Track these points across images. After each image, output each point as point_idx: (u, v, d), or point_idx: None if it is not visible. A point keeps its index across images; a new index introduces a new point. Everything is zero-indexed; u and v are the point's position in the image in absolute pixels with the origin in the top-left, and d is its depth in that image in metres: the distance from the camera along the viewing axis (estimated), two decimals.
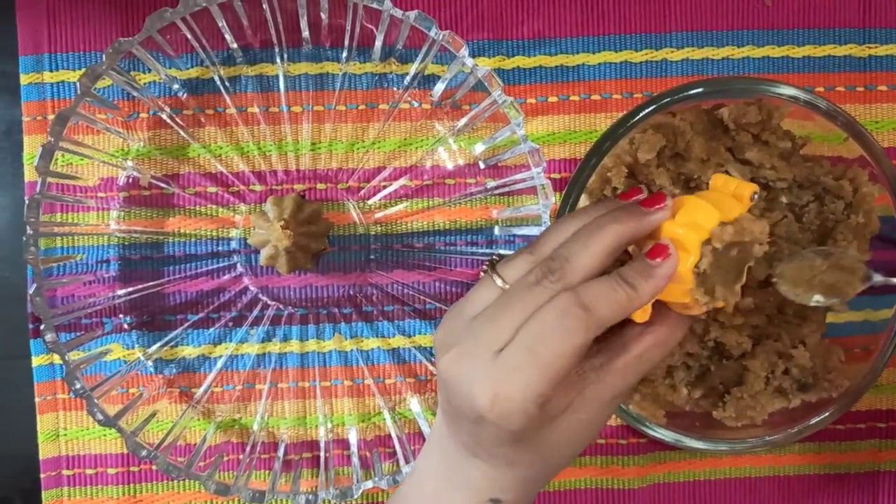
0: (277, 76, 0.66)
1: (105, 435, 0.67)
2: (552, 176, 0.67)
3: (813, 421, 0.60)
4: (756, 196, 0.48)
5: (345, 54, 0.66)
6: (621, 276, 0.45)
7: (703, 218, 0.46)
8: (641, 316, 0.46)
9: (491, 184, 0.67)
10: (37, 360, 0.67)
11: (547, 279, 0.44)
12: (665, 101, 0.57)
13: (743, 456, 0.69)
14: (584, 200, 0.59)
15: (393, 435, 0.66)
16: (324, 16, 0.63)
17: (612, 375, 0.45)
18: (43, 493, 0.67)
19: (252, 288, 0.67)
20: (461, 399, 0.44)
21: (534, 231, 0.63)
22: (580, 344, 0.43)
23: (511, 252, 0.52)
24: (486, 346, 0.44)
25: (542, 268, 0.44)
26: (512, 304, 0.44)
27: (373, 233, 0.67)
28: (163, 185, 0.67)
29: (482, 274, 0.48)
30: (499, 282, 0.46)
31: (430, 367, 0.68)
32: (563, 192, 0.59)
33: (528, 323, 0.43)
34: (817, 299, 0.54)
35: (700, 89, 0.57)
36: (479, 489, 0.46)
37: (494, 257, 0.47)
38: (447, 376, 0.44)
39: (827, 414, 0.60)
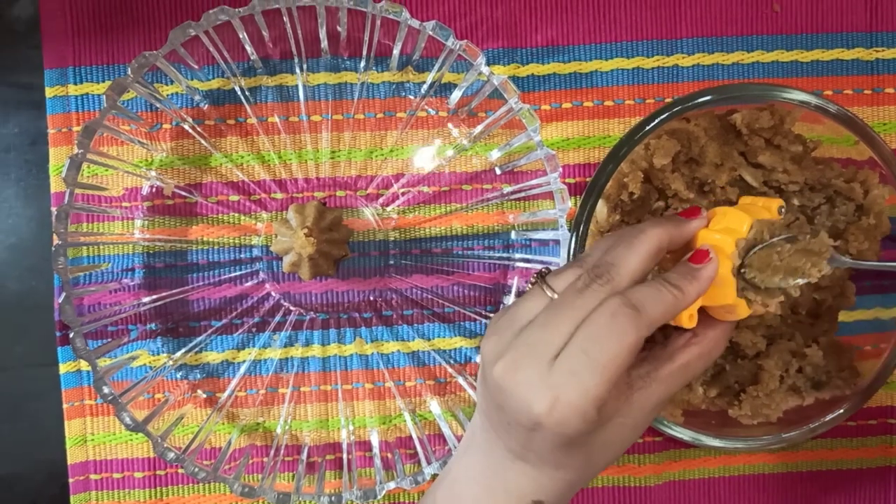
0: (297, 86, 0.68)
1: (132, 439, 0.68)
2: (567, 181, 0.68)
3: (827, 418, 0.61)
4: (784, 210, 0.51)
5: (363, 64, 0.67)
6: (666, 280, 0.46)
7: (735, 223, 0.49)
8: (689, 321, 0.48)
9: (507, 189, 0.68)
10: (64, 368, 0.68)
11: (595, 283, 0.45)
12: (680, 107, 0.58)
13: (757, 453, 0.70)
14: (601, 206, 0.60)
15: (414, 436, 0.67)
16: (342, 29, 0.64)
17: (658, 383, 0.46)
18: (71, 497, 0.68)
19: (274, 294, 0.69)
20: (517, 406, 0.44)
21: (550, 235, 0.64)
22: (633, 343, 0.44)
23: (535, 255, 0.53)
24: (541, 352, 0.44)
25: (590, 274, 0.46)
26: (563, 310, 0.45)
27: (392, 238, 0.69)
28: (186, 194, 0.68)
29: (529, 285, 0.49)
30: (548, 292, 0.47)
31: (450, 370, 0.69)
32: (581, 198, 0.60)
33: (581, 327, 0.44)
34: (781, 281, 0.55)
35: (714, 96, 0.59)
36: (523, 493, 0.47)
37: (543, 270, 0.48)
38: (503, 384, 0.45)
39: (841, 411, 0.61)
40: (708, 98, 0.58)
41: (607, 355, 0.43)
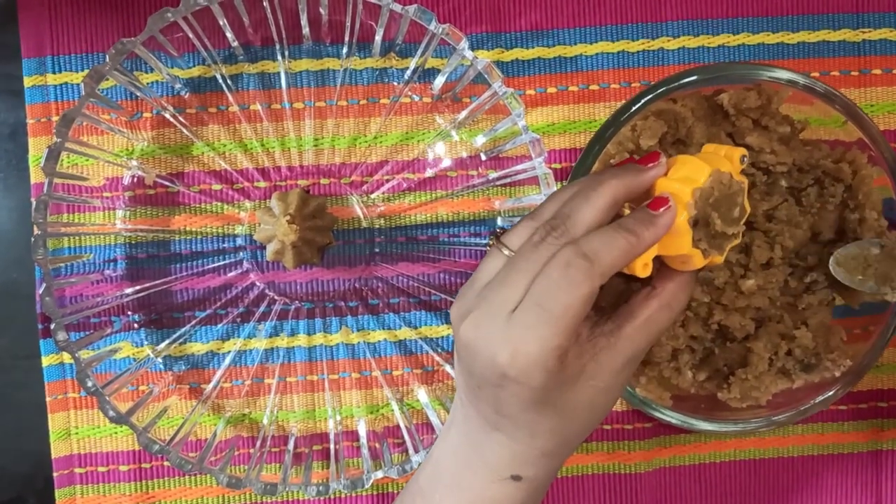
0: (279, 73, 0.67)
1: (116, 432, 0.68)
2: (553, 166, 0.68)
3: (816, 400, 0.61)
4: (746, 159, 0.51)
5: (345, 50, 0.67)
6: (622, 225, 0.46)
7: (694, 172, 0.48)
8: (643, 270, 0.47)
9: (493, 175, 0.67)
10: (47, 360, 0.67)
11: (550, 236, 0.45)
12: (666, 87, 0.58)
13: (747, 438, 0.70)
14: None
15: (402, 425, 0.67)
16: (323, 12, 0.64)
17: (622, 340, 0.46)
18: (56, 491, 0.68)
19: (259, 283, 0.68)
20: (482, 361, 0.45)
21: None
22: (586, 293, 0.44)
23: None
24: (499, 307, 0.45)
25: (545, 227, 0.46)
26: (518, 265, 0.45)
27: (377, 226, 0.68)
28: (168, 183, 0.67)
29: (488, 248, 0.49)
30: (505, 251, 0.47)
31: (437, 358, 0.68)
32: (567, 180, 0.59)
33: (536, 280, 0.44)
34: (871, 286, 0.56)
35: (700, 76, 0.58)
36: (500, 466, 0.47)
37: (497, 230, 0.49)
38: (467, 342, 0.46)
39: (830, 393, 0.61)
40: (694, 78, 0.58)
41: (561, 306, 0.44)
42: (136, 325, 0.67)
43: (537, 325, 0.44)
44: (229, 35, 0.65)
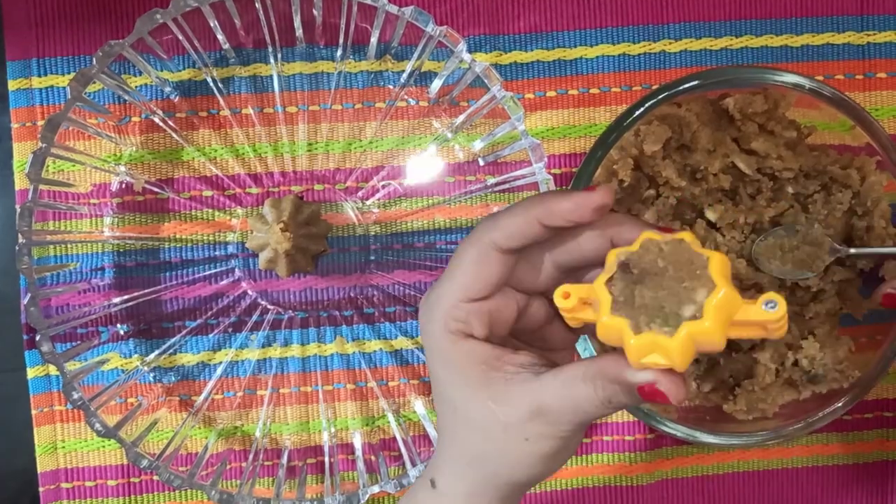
0: (272, 76, 0.66)
1: (104, 446, 0.66)
2: (552, 171, 0.67)
3: (824, 412, 0.60)
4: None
5: (340, 53, 0.65)
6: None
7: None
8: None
9: (491, 180, 0.66)
10: (32, 372, 0.66)
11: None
12: (670, 91, 0.57)
13: (752, 450, 0.68)
14: None
15: (398, 438, 0.65)
16: (317, 14, 0.62)
17: (540, 385, 0.43)
18: None
19: (251, 292, 0.66)
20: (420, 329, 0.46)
21: None
22: (481, 249, 0.43)
23: None
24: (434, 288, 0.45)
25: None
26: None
27: (372, 233, 0.67)
28: (157, 189, 0.66)
29: None
30: None
31: None
32: (570, 186, 0.58)
33: None
34: (791, 272, 0.57)
35: (706, 79, 0.57)
36: (427, 469, 0.47)
37: None
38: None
39: (839, 405, 0.60)
40: (699, 82, 0.57)
41: (458, 265, 0.44)
42: (124, 336, 0.66)
43: (442, 282, 0.44)
44: (220, 37, 0.63)
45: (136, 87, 0.65)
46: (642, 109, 0.57)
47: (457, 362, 0.43)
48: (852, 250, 0.59)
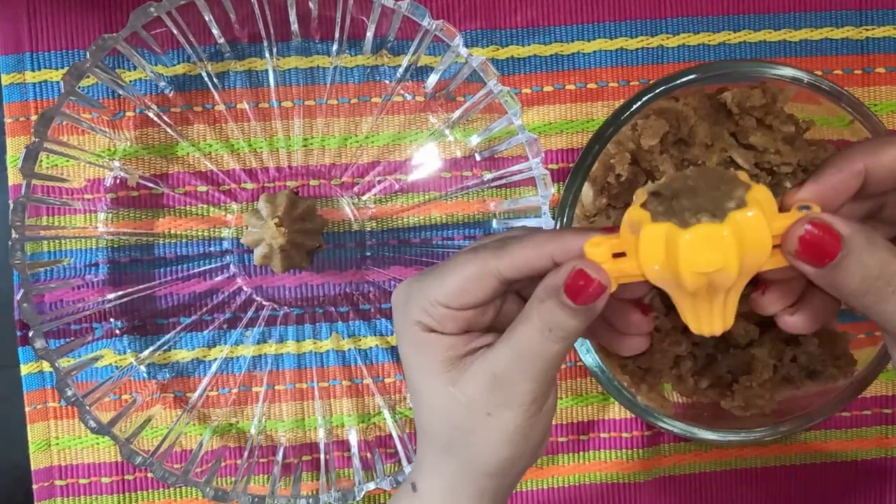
0: (267, 71, 0.65)
1: (98, 443, 0.66)
2: (549, 167, 0.66)
3: (822, 408, 0.59)
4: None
5: (335, 47, 0.65)
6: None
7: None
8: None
9: (488, 176, 0.65)
10: (26, 369, 0.65)
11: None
12: (668, 85, 0.56)
13: (749, 447, 0.68)
14: (587, 189, 0.58)
15: (394, 435, 0.65)
16: (313, 7, 0.62)
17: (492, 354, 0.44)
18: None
19: (246, 288, 0.66)
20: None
21: (533, 223, 0.62)
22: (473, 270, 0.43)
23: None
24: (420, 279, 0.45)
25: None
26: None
27: (368, 229, 0.66)
28: (151, 185, 0.65)
29: None
30: None
31: None
32: (567, 181, 0.57)
33: None
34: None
35: (704, 73, 0.56)
36: (411, 471, 0.47)
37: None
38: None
39: (837, 401, 0.59)
40: (697, 75, 0.56)
41: (449, 272, 0.43)
42: (118, 332, 0.65)
43: (429, 277, 0.43)
44: (215, 31, 0.62)
45: (130, 81, 0.64)
46: (640, 103, 0.56)
47: (424, 347, 0.43)
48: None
